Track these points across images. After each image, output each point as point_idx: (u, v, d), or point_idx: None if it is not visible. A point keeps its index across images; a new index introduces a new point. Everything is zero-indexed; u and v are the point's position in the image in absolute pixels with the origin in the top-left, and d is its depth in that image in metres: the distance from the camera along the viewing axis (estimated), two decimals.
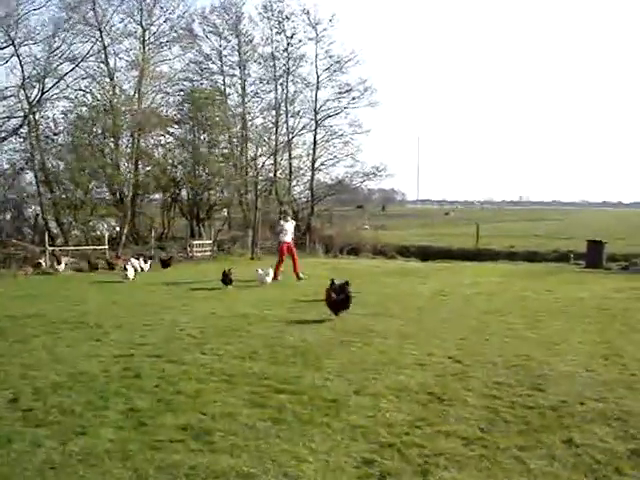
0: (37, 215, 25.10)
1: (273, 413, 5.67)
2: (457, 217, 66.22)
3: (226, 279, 15.06)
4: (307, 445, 4.94)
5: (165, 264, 20.59)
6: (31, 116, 23.92)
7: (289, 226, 17.51)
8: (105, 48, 26.40)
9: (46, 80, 23.92)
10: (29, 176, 25.09)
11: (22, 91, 23.71)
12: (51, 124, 24.79)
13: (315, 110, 34.27)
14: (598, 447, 4.89)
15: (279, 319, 10.62)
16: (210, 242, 26.04)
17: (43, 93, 23.95)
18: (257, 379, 6.78)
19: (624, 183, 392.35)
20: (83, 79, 25.90)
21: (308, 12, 32.47)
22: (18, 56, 23.59)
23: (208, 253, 25.24)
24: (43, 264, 19.76)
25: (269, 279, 15.86)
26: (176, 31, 29.37)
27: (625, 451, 4.83)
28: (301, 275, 17.07)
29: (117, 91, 26.83)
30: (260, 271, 15.82)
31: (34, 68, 23.78)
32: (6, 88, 23.87)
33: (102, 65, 26.84)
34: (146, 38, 28.25)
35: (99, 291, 14.90)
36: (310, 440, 5.04)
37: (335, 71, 34.05)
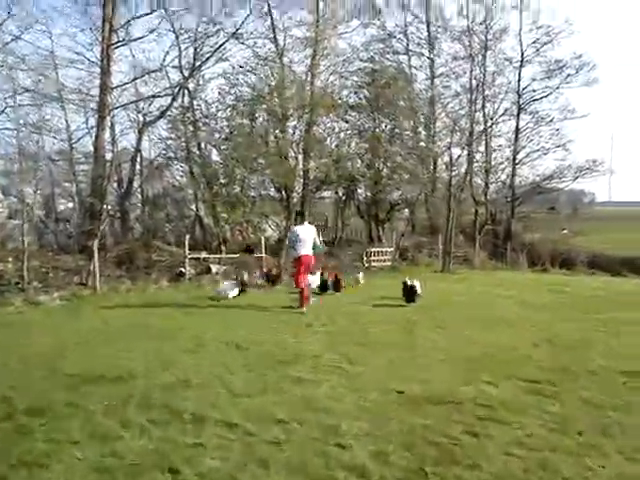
0: (194, 214, 21.57)
1: None
2: None
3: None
4: None
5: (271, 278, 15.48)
6: (184, 98, 20.52)
7: (305, 233, 11.49)
8: (272, 21, 22.37)
9: (201, 55, 20.38)
10: (179, 167, 21.65)
11: (174, 69, 20.45)
12: (203, 106, 20.94)
13: (518, 92, 28.64)
14: None
15: (513, 414, 5.23)
16: (391, 249, 21.12)
17: (194, 70, 20.30)
18: None
19: None
20: (247, 59, 22.07)
21: None
22: (173, 27, 20.16)
23: (388, 262, 20.37)
24: (186, 273, 16.06)
25: (232, 294, 12.74)
26: (355, 4, 24.87)
27: None
28: (301, 309, 11.06)
29: (286, 70, 22.66)
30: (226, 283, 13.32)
31: (188, 38, 20.27)
32: (165, 66, 20.54)
33: (268, 42, 22.86)
34: (320, 8, 24.10)
35: (226, 320, 10.38)
36: None
37: (544, 44, 28.12)
